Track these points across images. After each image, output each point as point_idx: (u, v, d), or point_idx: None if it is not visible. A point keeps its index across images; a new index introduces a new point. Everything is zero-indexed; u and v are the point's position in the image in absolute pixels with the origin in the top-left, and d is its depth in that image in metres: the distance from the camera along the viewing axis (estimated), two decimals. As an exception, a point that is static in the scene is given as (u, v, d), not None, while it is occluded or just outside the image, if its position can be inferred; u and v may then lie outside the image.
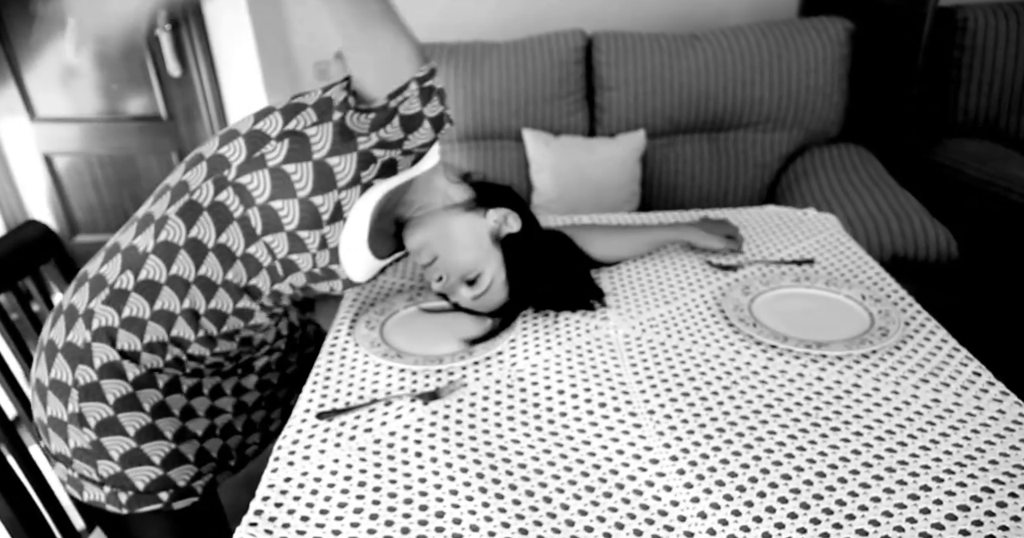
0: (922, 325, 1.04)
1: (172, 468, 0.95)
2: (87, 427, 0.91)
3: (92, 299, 0.93)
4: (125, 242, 0.94)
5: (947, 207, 1.99)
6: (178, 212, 0.91)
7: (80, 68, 2.55)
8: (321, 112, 0.87)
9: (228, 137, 0.92)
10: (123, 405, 0.92)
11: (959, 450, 0.80)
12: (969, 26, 2.12)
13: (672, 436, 0.86)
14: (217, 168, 0.91)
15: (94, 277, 0.94)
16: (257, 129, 0.90)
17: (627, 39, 2.17)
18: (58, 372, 0.93)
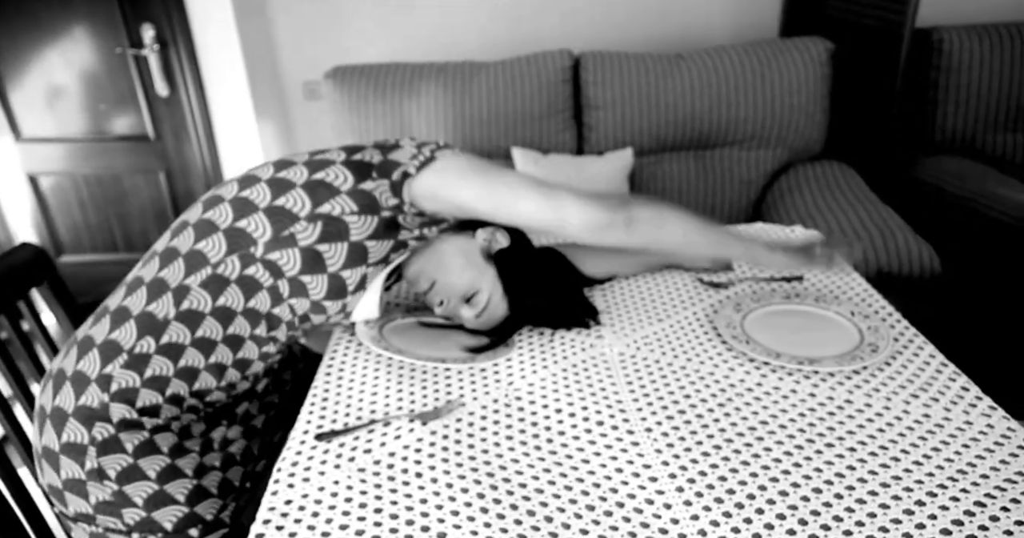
0: (910, 341, 1.06)
1: (198, 504, 0.95)
2: (107, 480, 0.91)
3: (107, 364, 0.92)
4: (136, 308, 0.93)
5: (928, 223, 2.02)
6: (201, 284, 0.92)
7: (67, 88, 2.54)
8: (364, 205, 0.93)
9: (242, 210, 0.93)
10: (142, 451, 0.93)
11: (951, 465, 0.82)
12: (944, 47, 2.18)
13: (670, 454, 0.87)
14: (241, 245, 0.92)
15: (103, 343, 0.92)
16: (279, 206, 0.92)
17: (614, 59, 2.20)
18: (71, 435, 0.92)
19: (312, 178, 0.93)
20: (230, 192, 0.97)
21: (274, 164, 0.99)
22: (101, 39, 2.47)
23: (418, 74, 2.22)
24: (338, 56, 2.61)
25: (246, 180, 0.98)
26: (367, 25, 2.60)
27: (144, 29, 2.46)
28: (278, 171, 0.97)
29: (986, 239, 1.94)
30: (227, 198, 0.96)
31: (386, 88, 2.20)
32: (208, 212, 0.96)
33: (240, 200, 0.94)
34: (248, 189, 0.95)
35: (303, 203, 0.92)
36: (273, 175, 0.96)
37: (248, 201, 0.94)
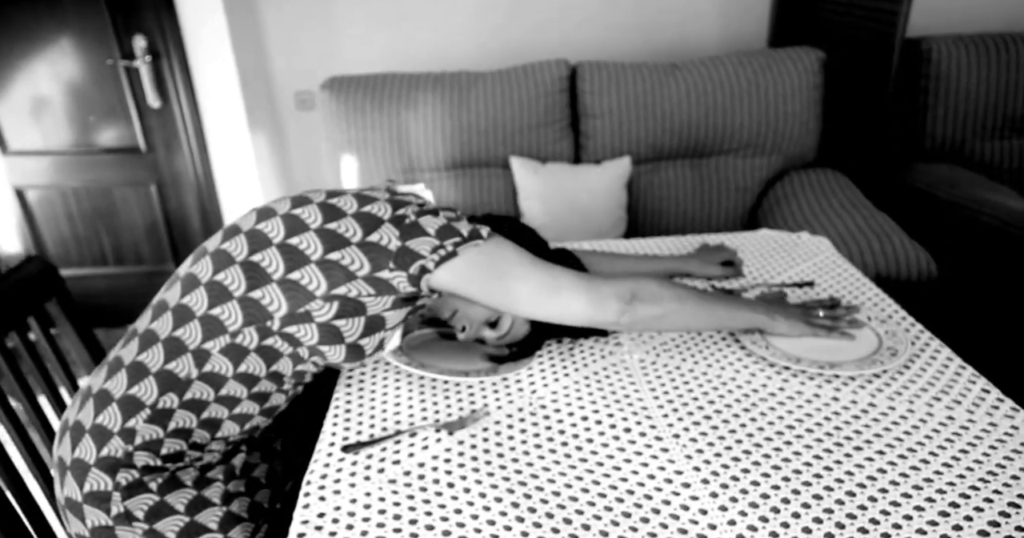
0: (927, 344, 1.08)
1: (231, 529, 0.95)
2: (136, 521, 0.90)
3: (129, 419, 0.90)
4: (154, 365, 0.90)
5: (921, 228, 2.06)
6: (221, 351, 0.90)
7: (55, 100, 2.51)
8: (381, 289, 0.90)
9: (255, 278, 0.89)
10: (167, 488, 0.92)
11: (980, 466, 0.83)
12: (933, 56, 2.22)
13: (700, 459, 0.88)
14: (257, 317, 0.89)
15: (123, 398, 0.90)
16: (294, 280, 0.88)
17: (610, 68, 2.22)
18: (93, 485, 0.90)
19: (327, 257, 0.88)
20: (239, 251, 0.91)
21: (284, 223, 0.91)
22: (92, 50, 2.45)
23: (415, 84, 2.22)
24: (331, 67, 2.61)
25: (255, 240, 0.91)
26: (360, 35, 2.60)
27: (136, 40, 2.44)
28: (289, 235, 0.90)
29: (979, 244, 1.98)
30: (237, 260, 0.90)
31: (383, 98, 2.20)
32: (219, 273, 0.91)
33: (252, 266, 0.90)
34: (260, 253, 0.90)
35: (318, 282, 0.88)
36: (284, 240, 0.90)
37: (261, 269, 0.89)
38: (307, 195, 0.96)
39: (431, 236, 0.90)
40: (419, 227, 0.91)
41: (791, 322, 1.08)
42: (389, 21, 2.58)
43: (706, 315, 1.06)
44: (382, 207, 0.92)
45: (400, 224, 0.91)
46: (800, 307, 1.14)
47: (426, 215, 0.92)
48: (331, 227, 0.90)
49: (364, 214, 0.91)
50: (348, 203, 0.93)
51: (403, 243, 0.89)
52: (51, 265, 1.21)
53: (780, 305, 1.13)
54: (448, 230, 0.91)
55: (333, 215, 0.91)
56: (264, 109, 2.66)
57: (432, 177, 2.25)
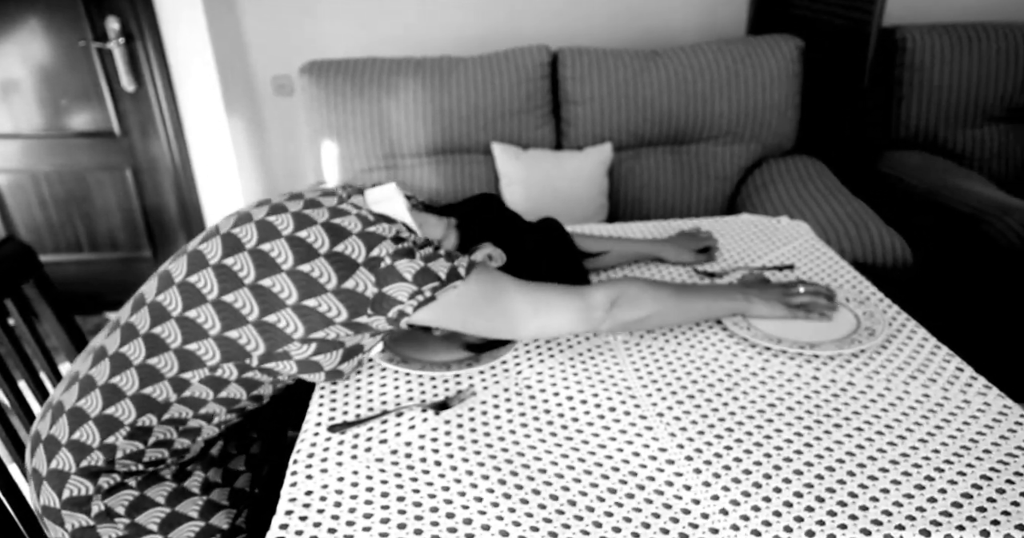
0: (903, 325, 1.10)
1: (212, 516, 0.95)
2: (118, 517, 0.90)
3: (108, 436, 0.89)
4: (129, 389, 0.89)
5: (896, 215, 2.09)
6: (201, 381, 0.89)
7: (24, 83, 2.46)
8: (359, 329, 0.89)
9: (229, 320, 0.86)
10: (146, 483, 0.92)
11: (954, 441, 0.85)
12: (908, 46, 2.25)
13: (684, 437, 0.89)
14: (235, 355, 0.88)
15: (100, 417, 0.89)
16: (270, 323, 0.86)
17: (591, 55, 2.22)
18: (73, 491, 0.90)
19: (303, 303, 0.86)
20: (209, 289, 0.88)
21: (253, 259, 0.87)
22: (62, 32, 2.40)
23: (395, 69, 2.20)
24: (309, 51, 2.58)
25: (224, 278, 0.87)
26: (340, 19, 2.57)
27: (108, 22, 2.39)
28: (260, 277, 0.87)
29: (951, 230, 2.02)
30: (209, 299, 0.87)
31: (363, 83, 2.18)
32: (190, 311, 0.88)
33: (225, 306, 0.87)
34: (231, 294, 0.87)
35: (295, 326, 0.86)
36: (256, 281, 0.87)
37: (236, 312, 0.87)
38: (274, 225, 0.90)
39: (408, 282, 0.87)
40: (395, 272, 0.87)
41: (770, 304, 1.10)
42: (369, 5, 2.55)
43: (686, 310, 1.07)
44: (355, 246, 0.88)
45: (375, 269, 0.87)
46: (779, 287, 1.15)
47: (402, 258, 0.88)
48: (304, 269, 0.86)
49: (337, 255, 0.87)
50: (319, 239, 0.88)
51: (380, 290, 0.87)
52: (28, 247, 1.19)
53: (757, 287, 1.14)
54: (426, 274, 0.88)
55: (305, 255, 0.87)
56: (242, 93, 2.63)
57: (413, 163, 2.24)
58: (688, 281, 1.29)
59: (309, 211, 0.91)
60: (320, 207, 0.93)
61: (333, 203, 0.94)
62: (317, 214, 0.91)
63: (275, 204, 0.95)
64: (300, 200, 0.95)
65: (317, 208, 0.92)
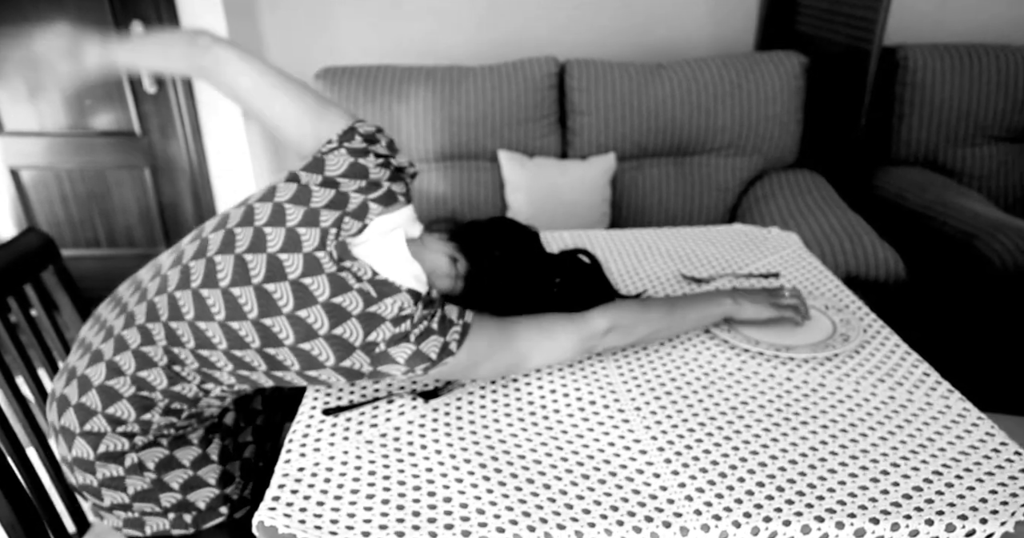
0: (877, 332, 1.15)
1: (227, 486, 1.03)
2: (147, 471, 0.98)
3: (144, 413, 0.96)
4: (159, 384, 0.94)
5: (893, 230, 2.13)
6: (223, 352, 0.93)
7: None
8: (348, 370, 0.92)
9: (233, 342, 0.90)
10: (176, 444, 1.01)
11: (912, 440, 0.90)
12: (910, 65, 2.29)
13: (658, 429, 0.94)
14: (242, 365, 0.92)
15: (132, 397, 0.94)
16: (267, 326, 0.88)
17: (598, 67, 2.28)
18: (110, 446, 0.96)
19: (298, 346, 0.89)
20: (218, 310, 0.90)
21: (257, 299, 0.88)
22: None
23: (407, 77, 2.27)
24: (326, 57, 2.66)
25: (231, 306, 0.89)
26: (355, 28, 2.65)
27: (133, 26, 2.48)
28: (263, 314, 0.88)
29: (947, 246, 2.05)
30: (217, 318, 0.90)
31: (376, 90, 2.26)
32: (201, 321, 0.90)
33: (231, 331, 0.90)
34: (236, 321, 0.89)
35: (288, 334, 0.89)
36: (258, 318, 0.88)
37: (239, 338, 0.90)
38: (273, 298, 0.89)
39: (400, 364, 0.91)
40: (389, 357, 0.90)
41: (757, 307, 1.12)
42: (384, 15, 2.63)
43: (678, 325, 1.09)
44: (353, 330, 0.88)
45: (371, 353, 0.90)
46: (765, 291, 1.16)
47: (397, 343, 0.90)
48: (305, 348, 0.89)
49: (335, 338, 0.88)
50: (319, 321, 0.88)
51: (375, 368, 0.91)
52: (49, 237, 1.26)
53: (744, 291, 1.15)
54: (418, 357, 0.91)
55: (304, 335, 0.88)
56: (259, 97, 2.71)
57: (421, 168, 2.31)
58: (676, 285, 1.33)
59: (307, 280, 0.89)
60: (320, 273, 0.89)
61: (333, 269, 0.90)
62: (318, 290, 0.89)
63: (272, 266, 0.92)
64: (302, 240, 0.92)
65: (317, 274, 0.89)
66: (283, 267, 0.90)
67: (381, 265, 0.93)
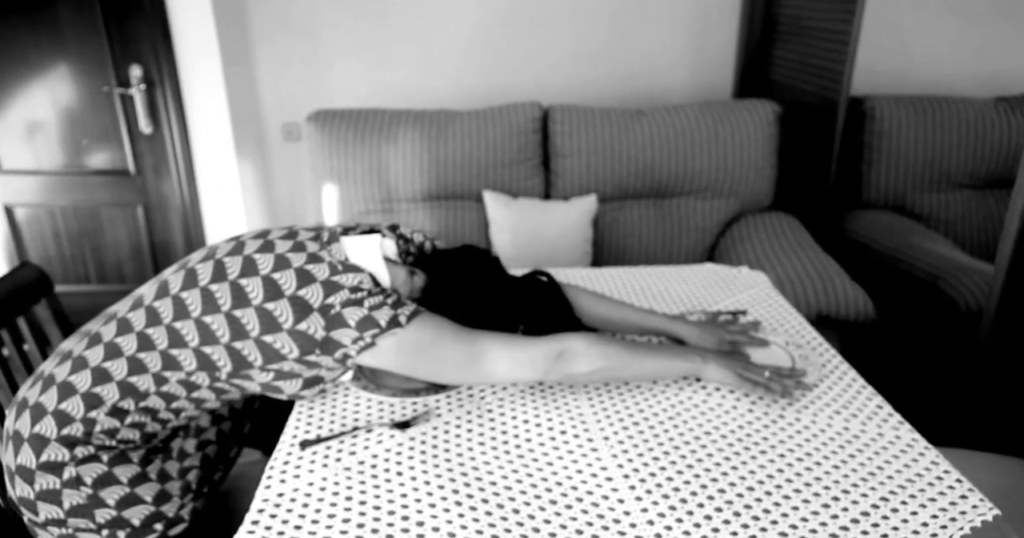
0: (836, 367, 1.20)
1: (163, 504, 1.07)
2: (83, 485, 1.02)
3: (91, 411, 1.01)
4: (117, 374, 1.01)
5: (863, 271, 2.21)
6: (179, 381, 1.02)
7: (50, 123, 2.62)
8: (311, 365, 1.01)
9: (205, 337, 0.99)
10: (115, 461, 1.04)
11: (863, 467, 0.95)
12: (876, 115, 2.40)
13: (625, 458, 0.98)
14: (208, 367, 1.00)
15: (87, 393, 1.01)
16: (237, 349, 0.99)
17: (580, 112, 2.37)
18: (51, 455, 1.01)
19: (262, 338, 0.98)
20: (195, 307, 1.00)
21: (231, 291, 0.99)
22: (89, 77, 2.57)
23: (396, 120, 2.36)
24: (317, 100, 2.75)
25: (207, 299, 1.00)
26: (346, 73, 2.76)
27: (132, 69, 2.57)
28: (234, 307, 0.99)
29: (911, 287, 2.13)
30: (192, 315, 1.00)
31: (365, 132, 2.34)
32: (177, 322, 1.00)
33: (204, 326, 0.99)
34: (210, 316, 0.99)
35: (256, 356, 0.99)
36: (231, 310, 0.99)
37: (211, 332, 0.99)
38: (256, 263, 1.02)
39: (352, 328, 0.98)
40: (342, 318, 0.98)
41: (723, 372, 1.11)
42: (374, 60, 2.74)
43: (637, 369, 1.09)
44: (315, 292, 0.99)
45: (327, 315, 0.98)
46: (744, 359, 1.16)
47: (351, 306, 0.98)
48: (268, 307, 0.98)
49: (298, 299, 0.98)
50: (288, 281, 0.99)
51: (327, 333, 0.98)
52: (43, 272, 1.31)
53: (717, 354, 1.15)
54: (368, 321, 0.98)
55: (273, 295, 0.99)
56: (252, 138, 2.79)
57: (409, 207, 2.38)
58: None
59: (290, 254, 1.03)
60: (302, 251, 1.04)
61: (315, 249, 1.05)
62: (295, 258, 1.02)
63: (267, 240, 1.07)
64: (290, 240, 1.06)
65: (299, 252, 1.03)
66: (276, 247, 1.04)
67: (354, 256, 1.06)
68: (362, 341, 0.99)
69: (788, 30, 2.56)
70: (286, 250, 1.04)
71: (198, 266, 1.05)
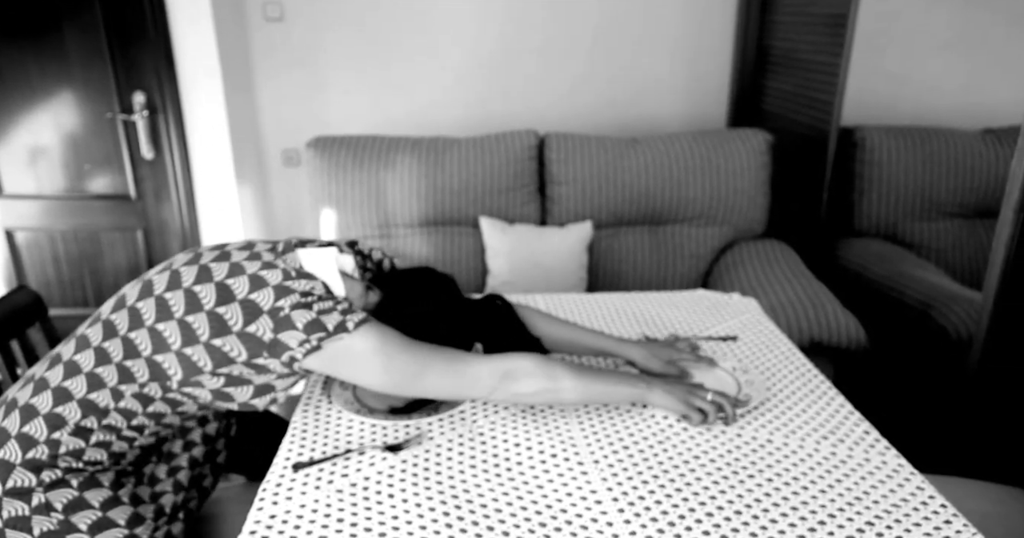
0: (824, 393, 1.22)
1: (136, 526, 1.06)
2: (54, 511, 1.01)
3: (54, 432, 1.01)
4: (77, 393, 1.02)
5: (855, 299, 2.23)
6: (133, 395, 1.02)
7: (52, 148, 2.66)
8: (259, 370, 1.02)
9: (157, 345, 1.00)
10: (86, 486, 1.03)
11: (849, 492, 0.96)
12: (867, 144, 2.45)
13: (614, 481, 0.99)
14: (159, 376, 1.02)
15: (49, 414, 1.01)
16: (187, 355, 1.00)
17: (576, 140, 2.42)
18: (17, 482, 1.00)
19: (211, 342, 0.99)
20: (149, 316, 1.01)
21: (185, 297, 1.01)
22: (92, 104, 2.62)
23: (394, 146, 2.40)
24: (316, 127, 2.80)
25: (161, 307, 1.01)
26: (346, 100, 2.80)
27: (135, 96, 2.61)
28: (187, 313, 1.00)
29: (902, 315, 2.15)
30: (146, 324, 1.01)
31: (364, 158, 2.37)
32: (132, 332, 1.01)
33: (156, 333, 1.00)
34: (163, 323, 1.00)
35: (206, 361, 0.99)
36: (183, 316, 1.00)
37: (163, 339, 1.00)
38: (211, 270, 1.03)
39: (299, 331, 0.98)
40: (290, 321, 0.99)
41: (668, 398, 1.11)
42: (373, 88, 2.79)
43: (583, 392, 1.09)
44: (266, 295, 1.00)
45: (275, 317, 0.99)
46: (688, 386, 1.16)
47: (300, 309, 0.99)
48: (219, 311, 0.99)
49: (248, 302, 0.99)
50: (241, 286, 1.01)
51: (275, 336, 0.98)
52: (38, 295, 1.33)
53: (663, 380, 1.15)
54: (315, 325, 0.99)
55: (224, 299, 1.00)
56: (252, 164, 2.83)
57: (406, 233, 2.40)
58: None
59: (246, 262, 1.04)
60: (257, 260, 1.05)
61: (270, 258, 1.06)
62: (250, 266, 1.03)
63: (224, 251, 1.08)
64: (247, 251, 1.08)
65: (254, 260, 1.05)
66: (232, 257, 1.06)
67: (309, 265, 1.08)
68: (308, 344, 0.99)
69: (780, 62, 2.62)
70: (242, 259, 1.05)
71: (155, 277, 1.06)
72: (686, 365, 1.29)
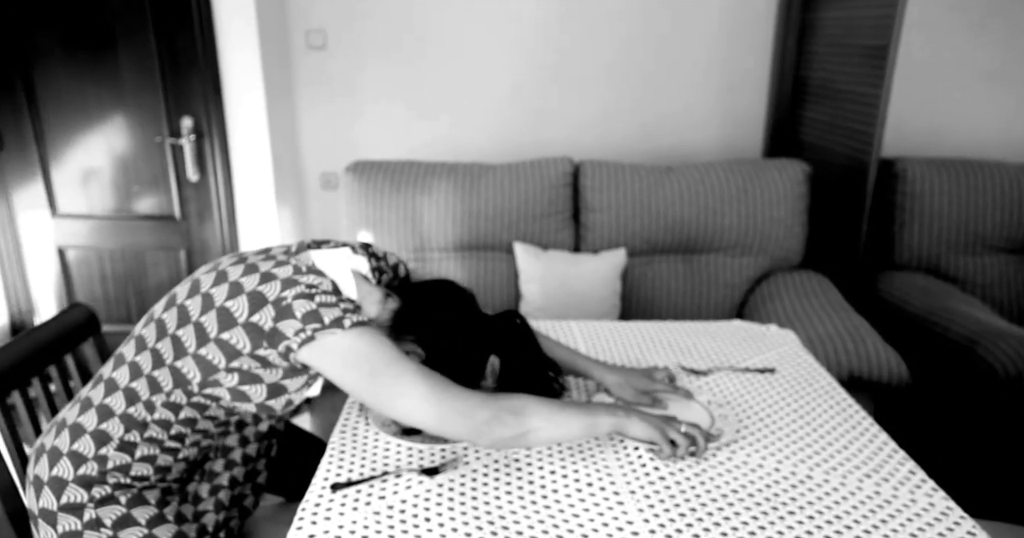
0: (867, 429, 1.19)
1: None
2: (104, 527, 1.05)
3: (101, 448, 1.05)
4: (117, 409, 1.05)
5: (896, 333, 2.18)
6: (163, 404, 1.05)
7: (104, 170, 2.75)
8: (265, 363, 1.02)
9: (177, 350, 1.03)
10: (133, 503, 1.07)
11: (895, 534, 0.93)
12: (908, 176, 2.42)
13: (651, 512, 0.98)
14: (181, 382, 1.04)
15: (95, 431, 1.05)
16: (202, 355, 1.02)
17: (610, 168, 2.43)
18: (70, 497, 1.05)
19: (220, 336, 1.00)
20: (173, 325, 1.04)
21: (202, 301, 1.03)
22: (143, 128, 2.71)
23: (431, 172, 2.43)
24: (354, 152, 2.86)
25: (182, 315, 1.04)
26: (384, 125, 2.86)
27: (184, 121, 2.70)
28: (202, 313, 1.02)
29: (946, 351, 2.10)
30: (169, 332, 1.04)
31: (401, 183, 2.41)
32: (158, 343, 1.04)
33: (177, 339, 1.03)
34: (182, 328, 1.03)
35: (219, 358, 1.01)
36: (198, 318, 1.02)
37: (181, 344, 1.03)
38: (228, 272, 1.05)
39: (297, 320, 0.98)
40: (290, 310, 0.98)
41: (646, 428, 1.10)
42: (411, 115, 2.84)
43: (565, 431, 1.06)
44: (273, 287, 1.00)
45: (278, 306, 0.99)
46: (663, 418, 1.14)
47: (301, 298, 0.99)
48: (227, 305, 1.01)
49: (256, 293, 1.00)
50: (251, 281, 1.02)
51: (275, 324, 0.98)
52: (92, 312, 1.36)
53: (641, 412, 1.12)
54: (313, 315, 0.98)
55: (233, 292, 1.01)
56: (292, 186, 2.89)
57: (441, 256, 2.43)
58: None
59: (260, 262, 1.06)
60: (271, 260, 1.06)
61: (283, 258, 1.07)
62: (264, 265, 1.05)
63: (242, 256, 1.10)
64: (263, 254, 1.11)
65: (268, 260, 1.06)
66: (248, 259, 1.08)
67: (321, 264, 1.09)
68: (303, 334, 0.98)
69: (818, 92, 2.61)
70: (258, 260, 1.07)
71: (178, 289, 1.10)
72: (662, 396, 1.29)
